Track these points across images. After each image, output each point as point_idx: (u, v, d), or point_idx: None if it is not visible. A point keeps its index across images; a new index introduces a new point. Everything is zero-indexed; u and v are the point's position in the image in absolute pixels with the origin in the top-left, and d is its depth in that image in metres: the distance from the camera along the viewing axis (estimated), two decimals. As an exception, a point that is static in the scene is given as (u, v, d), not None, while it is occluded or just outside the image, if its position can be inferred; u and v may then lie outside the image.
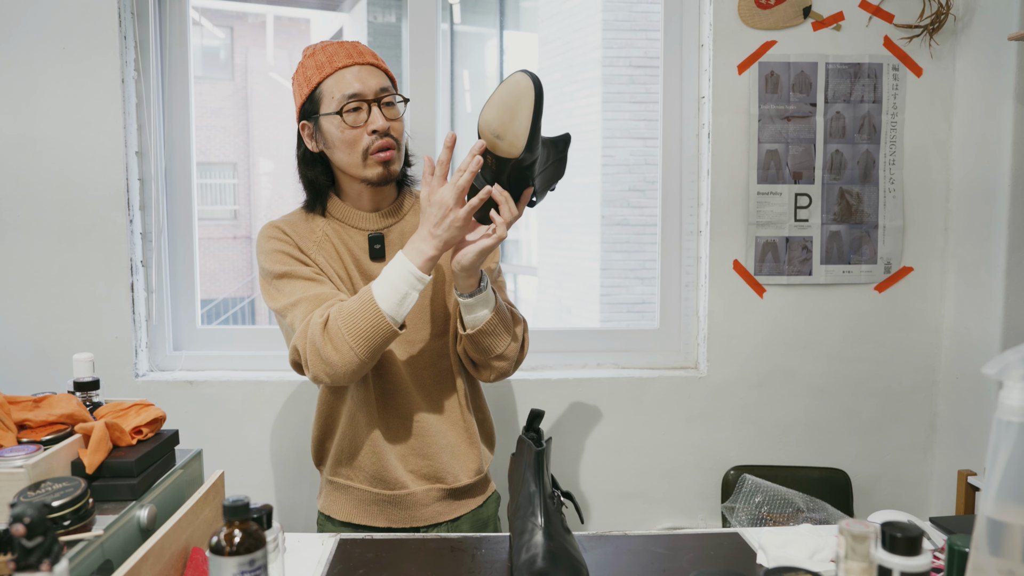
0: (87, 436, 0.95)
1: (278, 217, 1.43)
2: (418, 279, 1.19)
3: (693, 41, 2.01)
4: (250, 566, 0.79)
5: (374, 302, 1.19)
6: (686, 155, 2.03)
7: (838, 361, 2.03)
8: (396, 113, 1.34)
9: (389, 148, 1.32)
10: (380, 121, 1.31)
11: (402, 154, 1.38)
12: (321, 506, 1.50)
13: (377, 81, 1.32)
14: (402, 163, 1.39)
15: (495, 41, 5.68)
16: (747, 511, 1.81)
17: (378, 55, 1.39)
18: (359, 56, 1.33)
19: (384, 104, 1.32)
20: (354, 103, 1.30)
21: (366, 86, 1.31)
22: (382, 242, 1.39)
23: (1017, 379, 0.74)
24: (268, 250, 1.35)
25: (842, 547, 0.84)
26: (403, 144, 1.37)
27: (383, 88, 1.32)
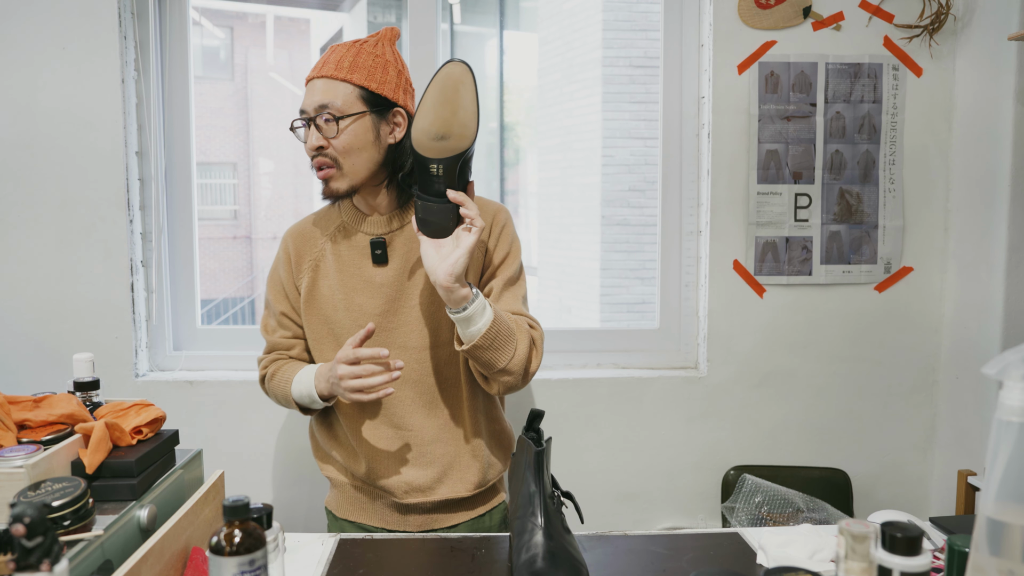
0: (87, 436, 0.95)
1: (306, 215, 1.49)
2: (316, 402, 1.34)
3: (693, 41, 2.01)
4: (250, 566, 0.79)
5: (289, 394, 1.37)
6: (686, 155, 2.03)
7: (838, 361, 2.03)
8: (330, 130, 1.29)
9: (324, 167, 1.31)
10: (310, 140, 1.30)
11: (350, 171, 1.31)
12: (326, 501, 1.51)
13: (320, 97, 1.29)
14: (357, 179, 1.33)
15: (495, 41, 5.68)
16: (747, 511, 1.81)
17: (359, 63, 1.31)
18: (318, 70, 1.32)
19: (322, 122, 1.29)
20: (300, 120, 1.33)
21: (309, 102, 1.31)
22: (384, 247, 1.37)
23: (1017, 379, 0.74)
24: (273, 263, 1.48)
25: (842, 547, 0.84)
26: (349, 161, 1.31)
27: (321, 105, 1.29)
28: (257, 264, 10.00)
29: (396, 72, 1.34)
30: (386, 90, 1.32)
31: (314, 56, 9.92)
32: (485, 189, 6.12)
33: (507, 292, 1.39)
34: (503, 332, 1.26)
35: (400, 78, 1.35)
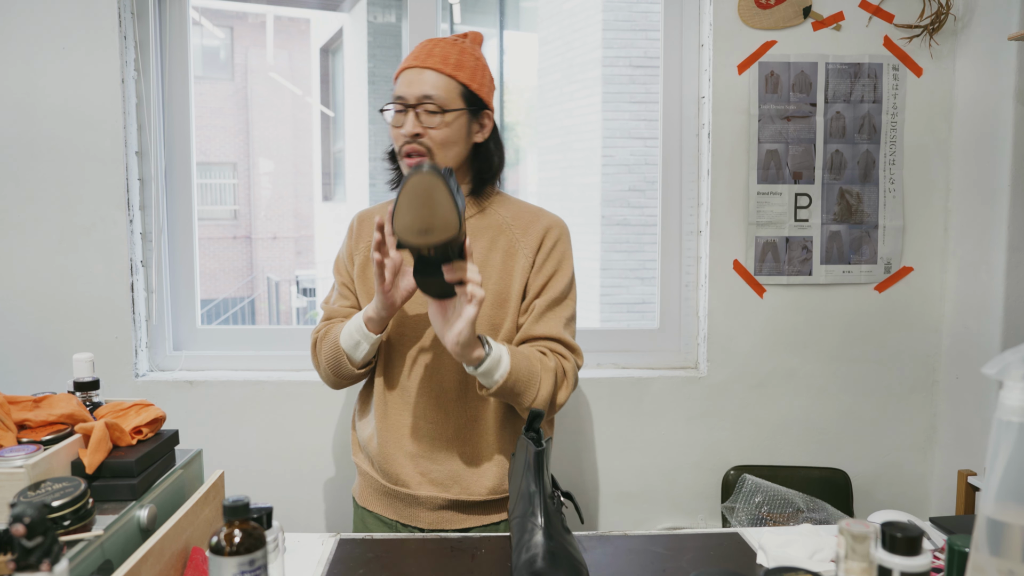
0: (87, 436, 0.95)
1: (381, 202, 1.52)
2: (364, 336, 1.33)
3: (693, 41, 2.01)
4: (250, 566, 0.79)
5: (338, 341, 1.36)
6: (686, 155, 2.03)
7: (838, 361, 2.03)
8: (432, 121, 1.33)
9: (417, 154, 1.33)
10: (407, 126, 1.33)
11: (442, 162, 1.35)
12: (352, 488, 1.53)
13: (424, 88, 1.32)
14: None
15: (495, 41, 5.68)
16: (747, 511, 1.81)
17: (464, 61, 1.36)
18: (423, 60, 1.35)
19: (424, 111, 1.33)
20: (397, 104, 1.35)
21: (410, 90, 1.33)
22: None
23: (1017, 379, 0.74)
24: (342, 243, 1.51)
25: (842, 547, 0.84)
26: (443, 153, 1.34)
27: (425, 95, 1.32)
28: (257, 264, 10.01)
29: (489, 77, 1.42)
30: (483, 92, 1.38)
31: (314, 56, 9.92)
32: (485, 189, 6.11)
33: (549, 313, 1.38)
34: (523, 378, 1.26)
35: (492, 83, 1.42)
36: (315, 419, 1.94)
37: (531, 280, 1.39)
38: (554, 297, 1.38)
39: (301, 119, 11.52)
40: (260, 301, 9.91)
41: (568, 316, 1.41)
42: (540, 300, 1.38)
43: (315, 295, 8.51)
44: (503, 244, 1.40)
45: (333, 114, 9.58)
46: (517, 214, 1.43)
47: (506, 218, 1.42)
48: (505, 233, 1.41)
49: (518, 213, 1.43)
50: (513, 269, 1.39)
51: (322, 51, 9.63)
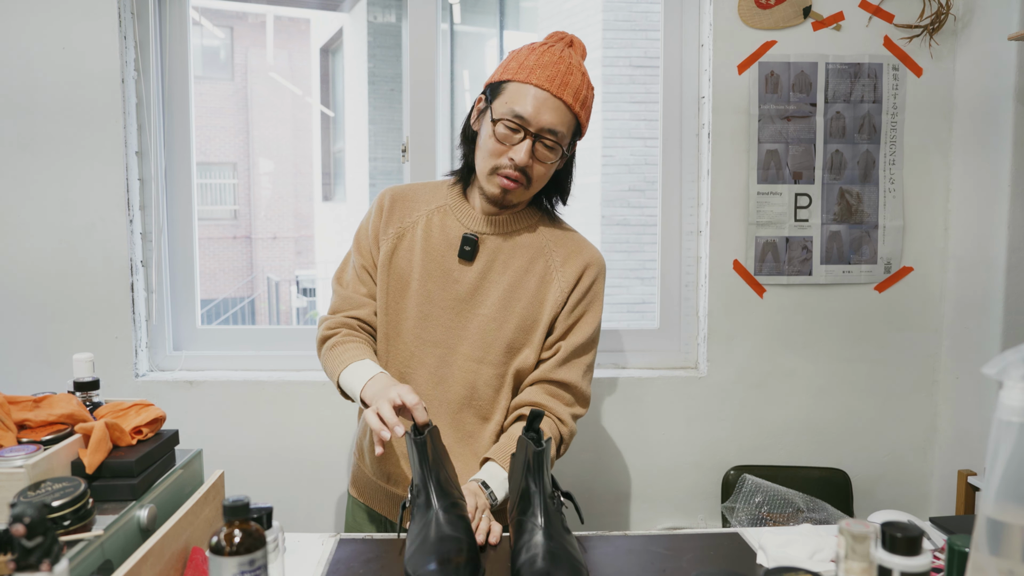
0: (87, 436, 0.95)
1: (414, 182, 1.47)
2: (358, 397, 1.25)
3: (693, 41, 2.01)
4: (250, 566, 0.79)
5: (337, 374, 1.30)
6: (686, 155, 2.03)
7: (838, 361, 2.03)
8: (547, 157, 1.28)
9: (515, 181, 1.28)
10: (521, 155, 1.26)
11: (531, 191, 1.32)
12: (349, 487, 1.51)
13: (551, 119, 1.25)
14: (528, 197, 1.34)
15: (495, 41, 5.68)
16: (747, 511, 1.81)
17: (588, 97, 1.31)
18: (559, 88, 1.26)
19: (541, 143, 1.27)
20: (514, 123, 1.26)
21: (536, 117, 1.25)
22: (474, 245, 1.33)
23: (1017, 379, 0.74)
24: (363, 218, 1.43)
25: (842, 547, 0.84)
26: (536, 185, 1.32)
27: (551, 130, 1.26)
28: (257, 264, 10.01)
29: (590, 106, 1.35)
30: (586, 124, 1.34)
31: (314, 56, 9.92)
32: (485, 189, 6.11)
33: (573, 360, 1.36)
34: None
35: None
36: (315, 419, 1.94)
37: (560, 318, 1.36)
38: (580, 344, 1.36)
39: (301, 119, 11.52)
40: (260, 301, 9.91)
41: (589, 363, 1.39)
42: (566, 343, 1.35)
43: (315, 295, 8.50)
44: (539, 269, 1.36)
45: (333, 114, 9.58)
46: (560, 240, 1.39)
47: (549, 242, 1.38)
48: (544, 256, 1.37)
49: (562, 239, 1.39)
50: (545, 298, 1.35)
51: (322, 51, 9.63)
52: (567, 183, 1.40)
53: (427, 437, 1.09)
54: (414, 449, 1.09)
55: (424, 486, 1.07)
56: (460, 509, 1.07)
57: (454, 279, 1.34)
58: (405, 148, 2.02)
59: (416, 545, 1.03)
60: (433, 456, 1.09)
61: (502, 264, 1.35)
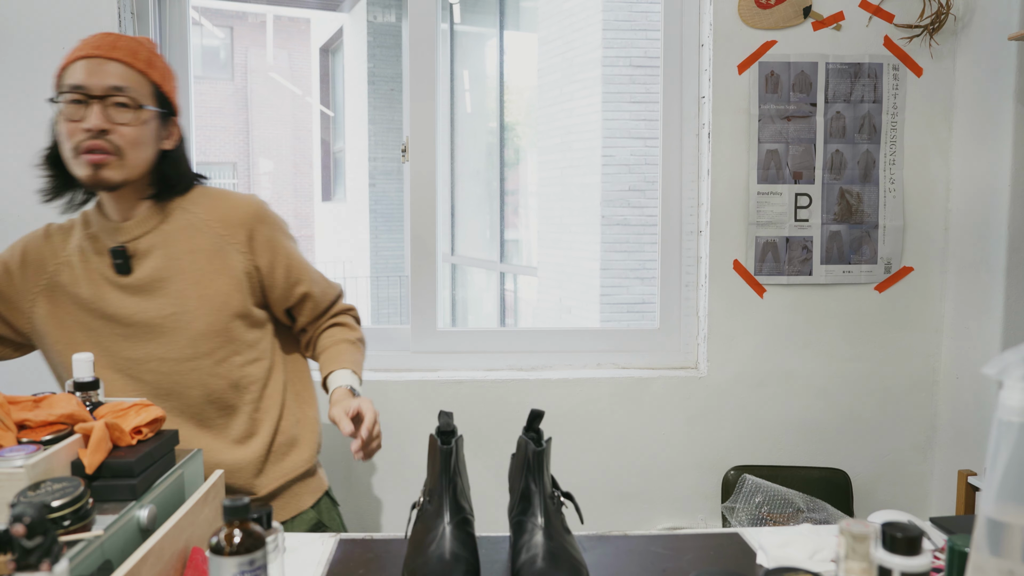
0: (87, 436, 0.95)
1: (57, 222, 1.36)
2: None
3: (693, 41, 2.01)
4: (250, 566, 0.79)
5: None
6: (686, 155, 2.03)
7: (838, 361, 2.03)
8: (124, 116, 1.20)
9: (101, 151, 1.18)
10: (93, 119, 1.17)
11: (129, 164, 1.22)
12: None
13: (113, 79, 1.19)
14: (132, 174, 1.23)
15: (495, 41, 5.69)
16: (747, 511, 1.81)
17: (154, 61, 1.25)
18: (107, 50, 1.20)
19: (113, 104, 1.19)
20: (75, 95, 1.18)
21: (94, 80, 1.18)
22: (125, 256, 1.27)
23: (1017, 379, 0.74)
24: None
25: (842, 547, 0.84)
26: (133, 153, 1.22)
27: (115, 87, 1.19)
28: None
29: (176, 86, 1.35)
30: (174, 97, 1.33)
31: (314, 56, 9.93)
32: (485, 189, 6.13)
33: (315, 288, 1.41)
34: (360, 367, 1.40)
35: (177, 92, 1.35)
36: (315, 419, 1.94)
37: (270, 278, 1.34)
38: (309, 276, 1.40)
39: (301, 119, 11.52)
40: (260, 301, 9.88)
41: (317, 273, 1.43)
42: (303, 287, 1.38)
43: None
44: (206, 244, 1.30)
45: (333, 114, 9.57)
46: (213, 209, 1.32)
47: (200, 215, 1.31)
48: (203, 230, 1.30)
49: (213, 208, 1.32)
50: (226, 266, 1.30)
51: (322, 51, 9.63)
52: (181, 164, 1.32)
53: (454, 446, 1.09)
54: (438, 456, 1.08)
55: (439, 494, 1.06)
56: (469, 526, 1.07)
57: (129, 292, 1.28)
58: (405, 148, 2.02)
59: (420, 555, 1.02)
60: (454, 466, 1.08)
61: (164, 258, 1.28)
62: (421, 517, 1.07)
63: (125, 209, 1.29)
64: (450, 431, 1.12)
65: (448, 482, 1.07)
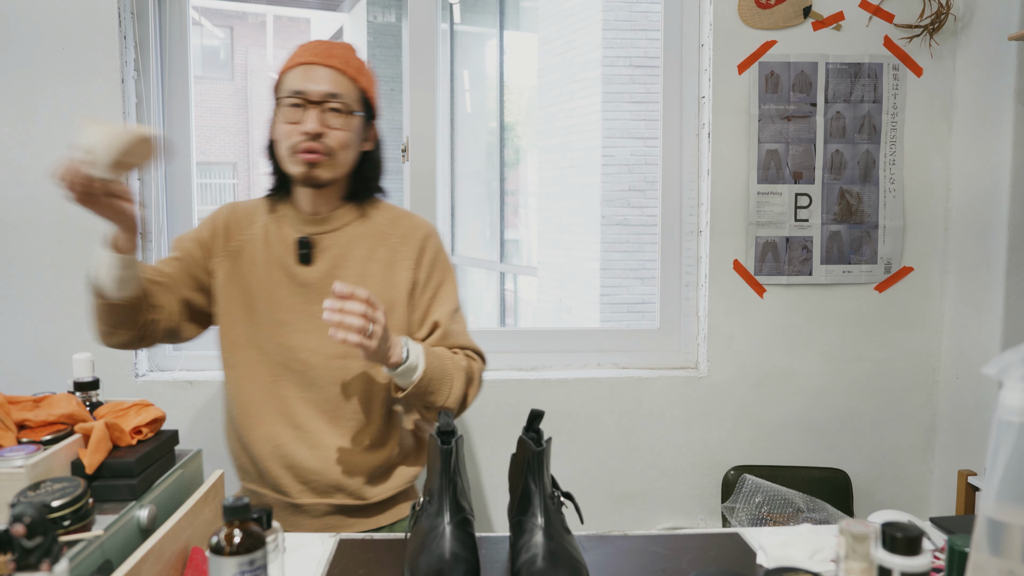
0: (87, 436, 0.95)
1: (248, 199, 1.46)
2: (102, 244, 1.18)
3: (693, 41, 2.01)
4: (250, 566, 0.79)
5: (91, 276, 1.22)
6: (686, 155, 2.03)
7: (838, 361, 2.03)
8: (338, 122, 1.30)
9: (315, 152, 1.28)
10: (311, 124, 1.28)
11: (338, 164, 1.32)
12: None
13: (329, 85, 1.29)
14: (339, 173, 1.34)
15: (495, 41, 5.68)
16: (747, 511, 1.81)
17: (364, 68, 1.35)
18: (325, 58, 1.31)
19: (328, 109, 1.29)
20: (296, 99, 1.29)
21: (313, 86, 1.29)
22: (310, 247, 1.35)
23: (1017, 379, 0.74)
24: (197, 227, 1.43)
25: (842, 547, 0.84)
26: (342, 155, 1.32)
27: (331, 93, 1.29)
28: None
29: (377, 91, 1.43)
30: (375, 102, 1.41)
31: (314, 56, 9.89)
32: (485, 189, 6.13)
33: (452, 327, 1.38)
34: (436, 377, 1.28)
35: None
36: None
37: (418, 297, 1.38)
38: (449, 311, 1.39)
39: (301, 119, 11.49)
40: (260, 301, 9.89)
41: (464, 323, 1.42)
42: (438, 312, 1.38)
43: (315, 295, 8.48)
44: (382, 255, 1.38)
45: (333, 114, 9.55)
46: (395, 222, 1.41)
47: (382, 226, 1.40)
48: (383, 241, 1.39)
49: (396, 221, 1.41)
50: (396, 279, 1.37)
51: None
52: (377, 166, 1.41)
53: (454, 446, 1.09)
54: (438, 456, 1.08)
55: (439, 494, 1.06)
56: (469, 526, 1.07)
57: (299, 283, 1.35)
58: (405, 148, 2.02)
59: (420, 555, 1.02)
60: (454, 466, 1.09)
61: (343, 259, 1.35)
62: (421, 517, 1.08)
63: (319, 204, 1.37)
64: (450, 431, 1.12)
65: (448, 482, 1.07)
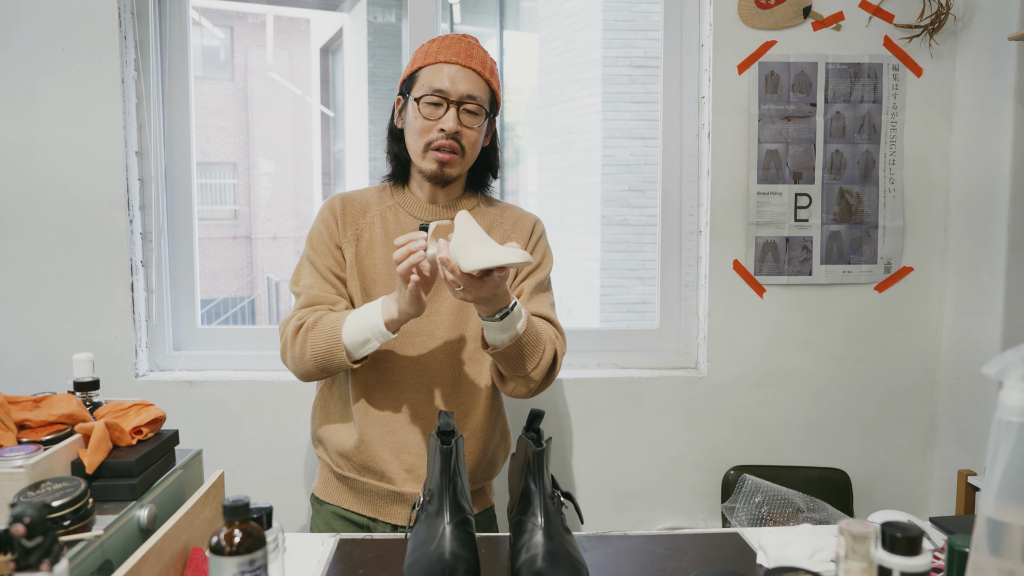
0: (87, 436, 0.95)
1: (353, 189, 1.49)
2: (382, 334, 1.26)
3: (693, 41, 2.01)
4: (250, 566, 0.79)
5: (339, 335, 1.28)
6: (686, 155, 2.03)
7: (838, 361, 2.03)
8: (473, 122, 1.37)
9: (451, 151, 1.35)
10: (450, 123, 1.34)
11: (467, 161, 1.40)
12: (313, 487, 1.51)
13: (467, 87, 1.35)
14: (465, 169, 1.42)
15: (495, 41, 5.68)
16: (747, 511, 1.81)
17: (495, 68, 1.42)
18: (465, 59, 1.36)
19: (465, 110, 1.35)
20: (436, 98, 1.34)
21: (454, 87, 1.34)
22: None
23: (1017, 379, 0.74)
24: (315, 224, 1.45)
25: (842, 547, 0.84)
26: (471, 153, 1.39)
27: (470, 95, 1.35)
28: (257, 264, 10.01)
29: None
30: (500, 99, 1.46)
31: (314, 56, 9.92)
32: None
33: (538, 296, 1.43)
34: (532, 339, 1.29)
35: None
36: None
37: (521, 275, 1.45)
38: (541, 282, 1.45)
39: (301, 119, 11.51)
40: (260, 301, 9.91)
41: (552, 302, 1.47)
42: (528, 283, 1.43)
43: (315, 295, 8.48)
44: (496, 238, 1.44)
45: (333, 114, 9.57)
46: (504, 212, 1.49)
47: (495, 216, 1.48)
48: (497, 229, 1.46)
49: (504, 211, 1.49)
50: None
51: (322, 51, 9.62)
52: (495, 158, 1.49)
53: (454, 446, 1.09)
54: (437, 456, 1.08)
55: (439, 494, 1.07)
56: (469, 525, 1.07)
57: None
58: (405, 148, 2.02)
59: (420, 555, 1.02)
60: (455, 466, 1.09)
61: None
62: (421, 517, 1.08)
63: (438, 194, 1.43)
64: (450, 431, 1.12)
65: (448, 482, 1.07)
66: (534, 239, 1.48)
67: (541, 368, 1.32)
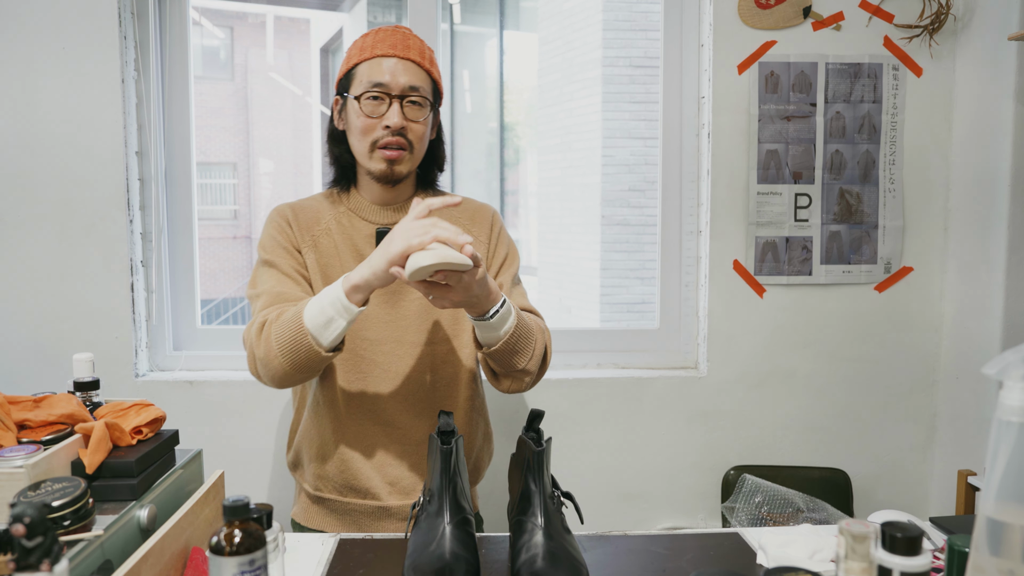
0: (87, 436, 0.95)
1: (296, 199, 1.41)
2: (344, 308, 1.14)
3: (693, 41, 2.01)
4: (250, 566, 0.79)
5: (301, 318, 1.16)
6: (686, 155, 2.03)
7: (838, 361, 2.03)
8: (418, 115, 1.31)
9: (399, 148, 1.30)
10: (395, 118, 1.28)
11: (415, 157, 1.34)
12: (292, 513, 1.45)
13: (408, 78, 1.29)
14: (415, 165, 1.36)
15: (495, 41, 5.68)
16: (747, 511, 1.81)
17: (433, 57, 1.37)
18: (403, 50, 1.30)
19: (408, 103, 1.30)
20: (376, 92, 1.29)
21: (394, 79, 1.29)
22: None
23: (1017, 379, 0.74)
24: (266, 232, 1.36)
25: (842, 547, 0.84)
26: (419, 148, 1.33)
27: (412, 87, 1.30)
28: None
29: None
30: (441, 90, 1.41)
31: (314, 56, 9.91)
32: (485, 189, 6.13)
33: (516, 290, 1.41)
34: (524, 334, 1.24)
35: None
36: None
37: (491, 264, 1.41)
38: (515, 274, 1.42)
39: (301, 119, 11.50)
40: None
41: (525, 292, 1.44)
42: (504, 277, 1.40)
43: (315, 295, 8.48)
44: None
45: (333, 114, 9.55)
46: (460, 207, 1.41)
47: (451, 212, 1.40)
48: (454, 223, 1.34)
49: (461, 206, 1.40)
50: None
51: (322, 51, 9.61)
52: (441, 152, 1.43)
53: (454, 446, 1.09)
54: (438, 456, 1.08)
55: (439, 494, 1.06)
56: (469, 525, 1.07)
57: None
58: (405, 148, 2.02)
59: (420, 555, 1.02)
60: (455, 466, 1.08)
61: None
62: (421, 517, 1.08)
63: (388, 195, 1.37)
64: (450, 431, 1.12)
65: (448, 482, 1.07)
66: (496, 231, 1.42)
67: (535, 361, 1.28)
